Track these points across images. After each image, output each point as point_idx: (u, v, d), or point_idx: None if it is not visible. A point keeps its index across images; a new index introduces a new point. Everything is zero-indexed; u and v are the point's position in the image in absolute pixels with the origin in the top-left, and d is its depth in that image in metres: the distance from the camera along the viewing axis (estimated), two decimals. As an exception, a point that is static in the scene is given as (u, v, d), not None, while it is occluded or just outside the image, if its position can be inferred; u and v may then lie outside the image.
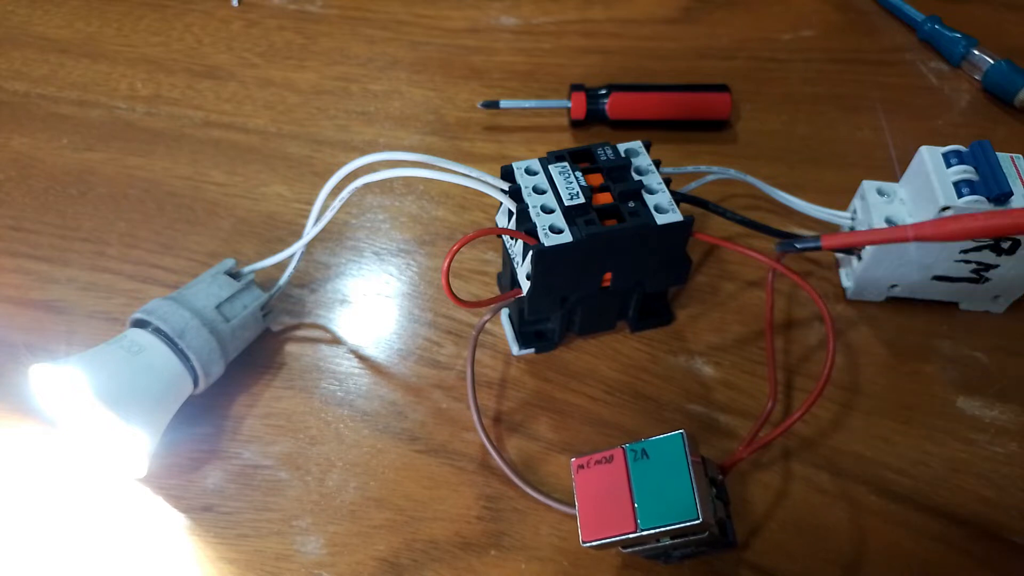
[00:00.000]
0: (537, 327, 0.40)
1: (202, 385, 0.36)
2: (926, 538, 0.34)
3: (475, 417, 0.36)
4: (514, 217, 0.35)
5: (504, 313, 0.40)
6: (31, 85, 0.53)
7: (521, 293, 0.36)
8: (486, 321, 0.37)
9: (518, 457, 0.37)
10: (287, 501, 0.35)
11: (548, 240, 0.33)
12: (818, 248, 0.36)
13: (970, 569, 0.34)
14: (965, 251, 0.37)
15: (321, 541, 0.34)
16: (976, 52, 0.52)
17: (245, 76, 0.54)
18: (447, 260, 0.32)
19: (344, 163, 0.36)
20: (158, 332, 0.35)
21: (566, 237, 0.33)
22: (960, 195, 0.36)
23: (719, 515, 0.30)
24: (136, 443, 0.33)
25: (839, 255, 0.43)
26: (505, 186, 0.35)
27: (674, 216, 0.34)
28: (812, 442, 0.37)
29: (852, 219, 0.41)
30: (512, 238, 0.36)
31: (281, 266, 0.39)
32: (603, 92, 0.49)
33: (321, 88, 0.53)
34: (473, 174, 0.34)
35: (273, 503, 0.35)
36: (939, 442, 0.37)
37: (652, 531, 0.29)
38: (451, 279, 0.42)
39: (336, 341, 0.41)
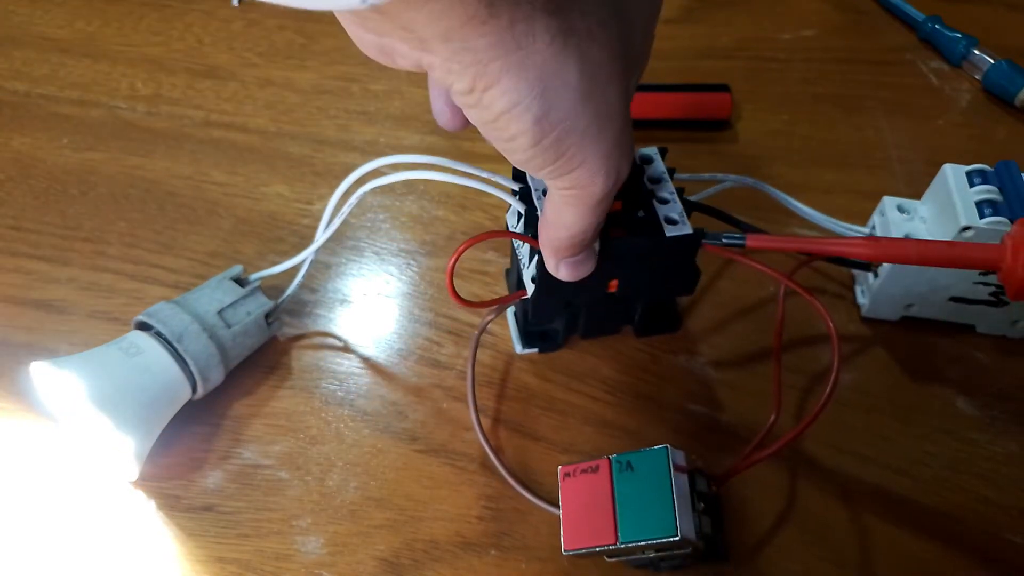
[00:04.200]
0: (542, 327, 0.40)
1: (200, 391, 0.36)
2: (926, 538, 0.34)
3: (473, 418, 0.36)
4: (523, 219, 0.35)
5: (510, 311, 0.40)
6: (32, 85, 0.53)
7: (526, 295, 0.36)
8: (489, 322, 0.37)
9: (518, 457, 0.37)
10: (287, 501, 0.35)
11: None
12: (742, 246, 0.33)
13: (970, 569, 0.34)
14: (984, 273, 0.36)
15: (321, 541, 0.34)
16: (976, 52, 0.52)
17: (245, 76, 0.54)
18: (452, 260, 0.32)
19: (344, 163, 0.36)
20: (158, 335, 0.35)
21: None
22: (982, 216, 0.34)
23: (704, 531, 0.30)
24: (126, 445, 0.33)
25: (855, 271, 0.42)
26: (516, 187, 0.35)
27: (684, 229, 0.33)
28: (812, 441, 0.37)
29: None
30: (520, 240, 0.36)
31: (290, 274, 0.39)
32: (603, 92, 0.49)
33: (321, 88, 0.53)
34: (484, 175, 0.34)
35: (273, 503, 0.35)
36: (939, 442, 0.37)
37: (632, 544, 0.28)
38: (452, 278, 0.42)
39: (336, 341, 0.41)
